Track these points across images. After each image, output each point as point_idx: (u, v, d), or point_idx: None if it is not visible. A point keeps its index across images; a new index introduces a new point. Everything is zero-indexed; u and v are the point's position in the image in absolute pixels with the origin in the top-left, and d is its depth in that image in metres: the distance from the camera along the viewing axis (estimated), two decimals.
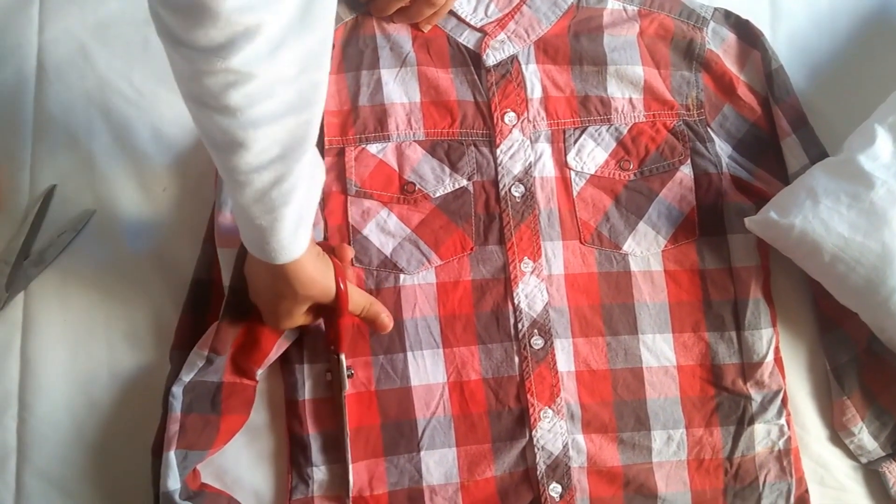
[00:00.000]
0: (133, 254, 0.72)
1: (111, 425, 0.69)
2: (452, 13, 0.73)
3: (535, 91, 0.72)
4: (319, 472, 0.66)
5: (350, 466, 0.66)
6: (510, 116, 0.71)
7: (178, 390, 0.63)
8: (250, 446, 0.68)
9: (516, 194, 0.70)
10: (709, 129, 0.73)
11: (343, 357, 0.65)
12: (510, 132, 0.71)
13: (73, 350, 0.70)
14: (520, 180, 0.71)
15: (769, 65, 0.73)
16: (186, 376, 0.63)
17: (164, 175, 0.73)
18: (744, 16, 0.74)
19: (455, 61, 0.72)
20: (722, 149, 0.73)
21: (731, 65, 0.74)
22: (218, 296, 0.67)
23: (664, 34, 0.74)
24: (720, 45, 0.74)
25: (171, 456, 0.61)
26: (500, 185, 0.71)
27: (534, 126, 0.71)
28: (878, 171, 0.63)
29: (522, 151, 0.71)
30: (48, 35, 0.74)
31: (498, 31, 0.72)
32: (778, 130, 0.72)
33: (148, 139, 0.73)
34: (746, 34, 0.74)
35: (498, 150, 0.71)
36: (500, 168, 0.71)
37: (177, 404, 0.63)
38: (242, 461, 0.68)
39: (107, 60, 0.74)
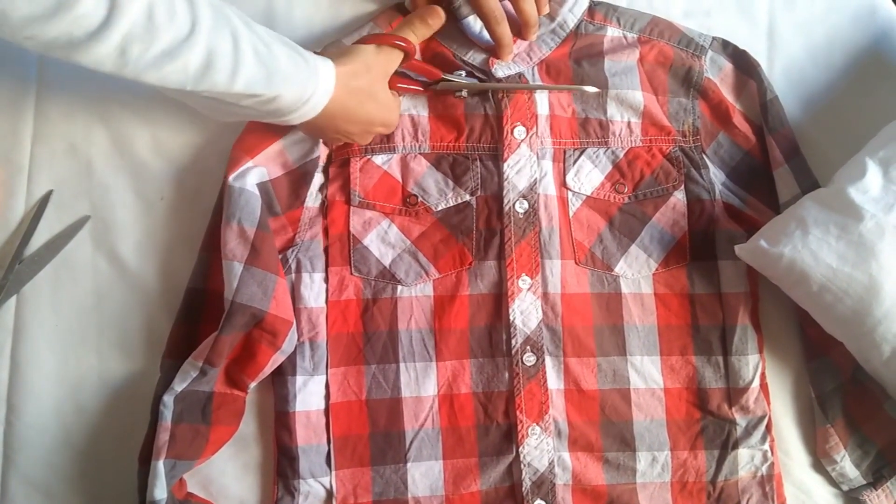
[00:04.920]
0: (127, 261, 0.72)
1: (99, 432, 0.69)
2: (459, 32, 0.74)
3: (542, 107, 0.72)
4: (306, 485, 0.66)
5: (334, 473, 0.66)
6: (519, 130, 0.71)
7: (169, 399, 0.63)
8: (237, 457, 0.69)
9: (520, 210, 0.71)
10: (704, 156, 0.74)
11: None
12: (518, 146, 0.71)
13: (63, 355, 0.70)
14: (524, 196, 0.71)
15: (764, 95, 0.73)
16: (178, 386, 0.63)
17: (161, 184, 0.73)
18: (741, 46, 0.75)
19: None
20: (716, 176, 0.74)
21: (727, 93, 0.75)
22: (212, 306, 0.67)
23: (664, 61, 0.74)
24: (717, 74, 0.75)
25: (160, 465, 0.61)
26: (505, 201, 0.71)
27: (541, 142, 0.72)
28: (868, 203, 0.64)
29: (529, 167, 0.71)
30: None
31: None
32: (771, 160, 0.73)
33: (147, 148, 0.73)
34: (743, 64, 0.75)
35: (505, 165, 0.71)
36: (505, 182, 0.71)
37: (167, 413, 0.62)
38: (229, 471, 0.68)
39: None
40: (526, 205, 0.70)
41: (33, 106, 0.73)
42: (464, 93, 0.71)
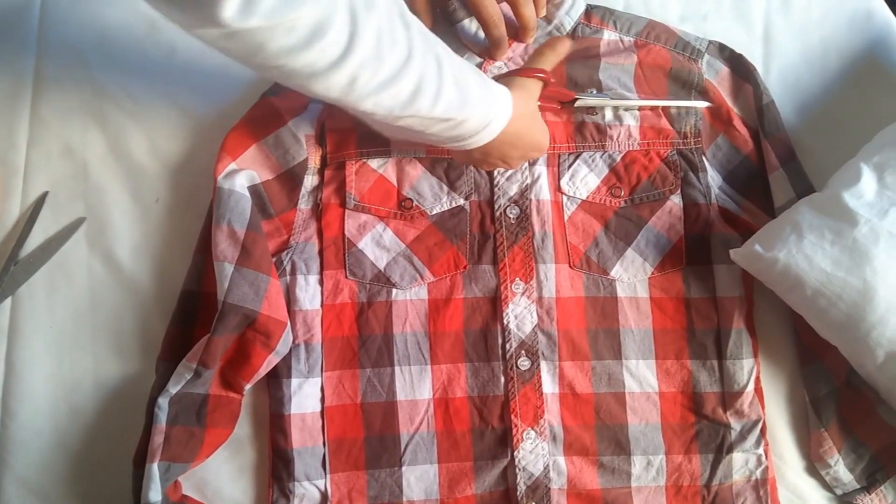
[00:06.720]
0: (122, 263, 0.72)
1: (94, 434, 0.69)
2: (455, 35, 0.74)
3: None
4: (301, 488, 0.66)
5: (329, 476, 0.66)
6: None
7: (164, 402, 0.63)
8: (232, 459, 0.69)
9: (511, 216, 0.71)
10: (703, 158, 0.74)
11: None
12: None
13: (58, 357, 0.70)
14: (515, 202, 0.71)
15: (760, 99, 0.74)
16: (173, 388, 0.63)
17: (157, 186, 0.73)
18: (738, 50, 0.75)
19: None
20: (713, 179, 0.74)
21: (725, 97, 0.75)
22: (206, 308, 0.67)
23: (662, 64, 0.74)
24: (714, 78, 0.75)
25: (154, 468, 0.61)
26: (496, 206, 0.71)
27: None
28: (862, 208, 0.64)
29: (519, 173, 0.71)
30: (47, 42, 0.74)
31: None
32: (766, 164, 0.73)
33: (142, 150, 0.73)
34: (739, 68, 0.75)
35: (495, 171, 0.71)
36: (496, 189, 0.71)
37: (162, 416, 0.62)
38: (224, 474, 0.68)
39: (104, 70, 0.74)
40: (517, 210, 0.71)
41: (29, 108, 0.73)
42: (605, 111, 0.72)
